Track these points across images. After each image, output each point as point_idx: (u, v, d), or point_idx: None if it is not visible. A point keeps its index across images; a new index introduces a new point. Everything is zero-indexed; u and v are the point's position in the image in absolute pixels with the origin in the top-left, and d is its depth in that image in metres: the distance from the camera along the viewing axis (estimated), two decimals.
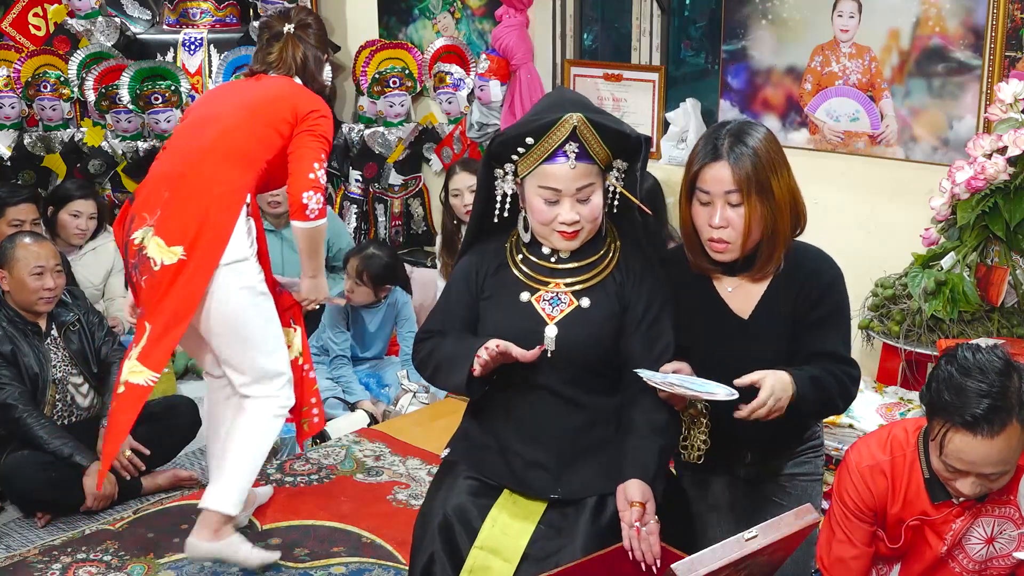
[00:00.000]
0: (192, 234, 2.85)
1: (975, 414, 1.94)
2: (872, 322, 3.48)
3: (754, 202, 2.21)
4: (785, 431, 2.43)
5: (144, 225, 2.91)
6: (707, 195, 2.23)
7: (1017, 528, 2.11)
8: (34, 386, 3.52)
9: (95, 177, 5.34)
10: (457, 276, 2.41)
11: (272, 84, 3.14)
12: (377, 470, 3.59)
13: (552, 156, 2.20)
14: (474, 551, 2.23)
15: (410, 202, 5.63)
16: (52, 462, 3.41)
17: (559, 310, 2.28)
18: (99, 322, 3.78)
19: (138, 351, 2.88)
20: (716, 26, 4.40)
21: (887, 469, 2.18)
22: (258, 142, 2.99)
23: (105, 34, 5.49)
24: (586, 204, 2.24)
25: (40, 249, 3.58)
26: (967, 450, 1.97)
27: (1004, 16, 3.53)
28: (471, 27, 5.32)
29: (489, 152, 2.29)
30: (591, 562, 2.08)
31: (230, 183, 2.93)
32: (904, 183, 3.87)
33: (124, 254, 3.01)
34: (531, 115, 2.27)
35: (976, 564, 2.16)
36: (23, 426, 3.42)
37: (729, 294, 2.35)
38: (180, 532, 3.15)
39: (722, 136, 2.24)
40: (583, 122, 2.18)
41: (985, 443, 1.95)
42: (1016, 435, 1.96)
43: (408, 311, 4.44)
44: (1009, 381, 1.97)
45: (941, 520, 2.14)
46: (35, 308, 3.56)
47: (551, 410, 2.29)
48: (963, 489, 2.03)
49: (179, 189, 2.92)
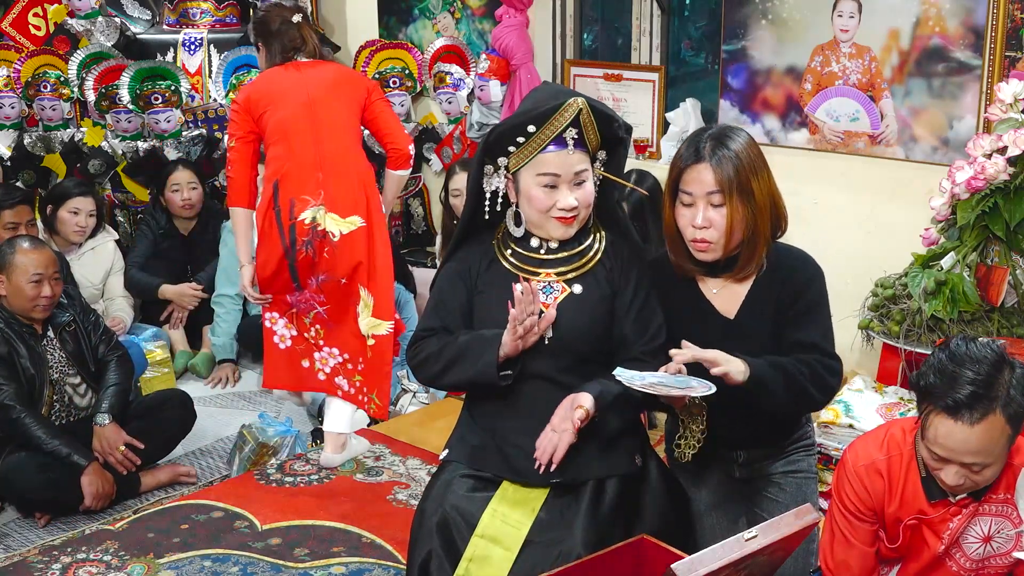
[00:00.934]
0: (363, 202, 3.46)
1: (957, 399, 1.94)
2: (872, 322, 3.48)
3: (735, 203, 2.28)
4: (774, 429, 2.47)
5: (310, 206, 3.43)
6: (690, 196, 2.31)
7: (1015, 527, 2.11)
8: (31, 387, 3.52)
9: (95, 177, 5.34)
10: (449, 274, 2.43)
11: (328, 67, 3.64)
12: (377, 470, 3.59)
13: (551, 144, 2.25)
14: (474, 540, 2.25)
15: (410, 202, 5.63)
16: (50, 462, 3.41)
17: (552, 298, 2.33)
18: (95, 321, 3.78)
19: (369, 310, 3.49)
20: (716, 26, 4.40)
21: (883, 468, 2.18)
22: (351, 116, 3.55)
23: (105, 34, 5.49)
24: (581, 188, 2.31)
25: (39, 256, 3.56)
26: (947, 435, 1.97)
27: (1004, 16, 3.53)
28: (471, 27, 5.32)
29: (486, 145, 2.32)
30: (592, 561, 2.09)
31: (359, 152, 3.57)
32: (904, 183, 3.87)
33: (289, 235, 3.44)
34: (527, 106, 2.30)
35: (973, 563, 2.16)
36: (20, 426, 3.41)
37: (714, 295, 2.41)
38: (180, 532, 3.15)
39: (704, 140, 2.32)
40: (586, 106, 2.24)
41: (965, 430, 1.95)
42: (999, 427, 1.95)
43: (409, 310, 4.44)
44: (999, 373, 1.96)
45: (939, 519, 2.14)
46: (31, 315, 3.55)
47: (548, 398, 2.31)
48: (947, 479, 2.03)
49: (331, 169, 3.45)
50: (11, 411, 3.41)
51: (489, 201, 2.36)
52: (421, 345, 2.39)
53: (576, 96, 2.24)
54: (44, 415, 3.53)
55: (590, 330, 2.33)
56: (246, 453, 3.73)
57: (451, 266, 2.44)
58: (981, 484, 2.05)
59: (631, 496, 2.35)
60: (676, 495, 2.46)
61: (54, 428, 3.49)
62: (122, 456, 3.53)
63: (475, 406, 2.45)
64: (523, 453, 2.32)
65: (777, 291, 2.36)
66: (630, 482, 2.36)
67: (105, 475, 3.49)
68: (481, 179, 2.36)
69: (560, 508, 2.29)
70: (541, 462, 2.25)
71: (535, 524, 2.27)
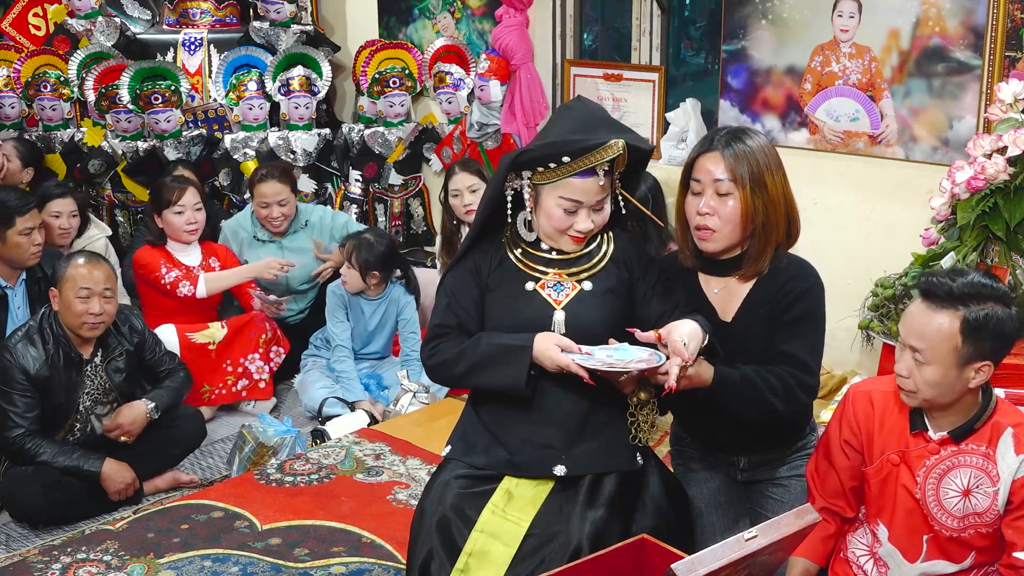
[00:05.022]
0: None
1: (931, 282, 2.10)
2: (872, 322, 3.48)
3: (746, 194, 2.30)
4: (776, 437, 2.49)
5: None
6: (699, 184, 2.35)
7: (993, 485, 2.15)
8: (54, 413, 3.42)
9: (95, 177, 5.35)
10: (462, 272, 2.42)
11: None
12: (377, 470, 3.59)
13: (581, 172, 2.26)
14: (474, 535, 2.26)
15: (410, 202, 5.63)
16: (57, 480, 3.34)
17: (564, 295, 2.35)
18: (153, 343, 3.67)
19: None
20: (716, 26, 4.40)
21: (876, 398, 2.28)
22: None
23: (105, 34, 5.49)
24: (599, 213, 2.33)
25: (90, 270, 3.40)
26: (911, 313, 2.13)
27: (1004, 16, 3.53)
28: (471, 27, 5.32)
29: (515, 164, 2.32)
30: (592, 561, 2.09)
31: None
32: (904, 183, 3.87)
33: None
34: (563, 132, 2.28)
35: (956, 520, 2.19)
36: (28, 455, 3.34)
37: (715, 296, 2.42)
38: (180, 532, 3.15)
39: (720, 133, 2.36)
40: (625, 148, 2.25)
41: (926, 312, 2.09)
42: (952, 331, 2.07)
43: (410, 312, 4.43)
44: (981, 300, 2.08)
45: (916, 454, 2.20)
46: (80, 332, 3.41)
47: (560, 392, 2.32)
48: (898, 361, 2.15)
49: None
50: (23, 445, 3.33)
51: (510, 205, 2.36)
52: (438, 345, 2.37)
53: (618, 138, 2.24)
54: (57, 439, 3.44)
55: (601, 325, 2.33)
56: (246, 453, 3.73)
57: (462, 264, 2.43)
58: (920, 389, 2.13)
59: (629, 490, 2.36)
60: (676, 495, 2.47)
61: (59, 446, 3.40)
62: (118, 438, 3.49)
63: (480, 402, 2.45)
64: (531, 445, 2.33)
65: (774, 296, 2.36)
66: (629, 477, 2.37)
67: (122, 465, 3.45)
68: (502, 191, 2.35)
69: (559, 502, 2.30)
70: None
71: (535, 520, 2.28)
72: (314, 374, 4.36)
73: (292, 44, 5.51)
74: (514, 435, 2.36)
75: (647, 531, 2.22)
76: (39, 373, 3.36)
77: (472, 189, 4.28)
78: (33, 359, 3.36)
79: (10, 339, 3.43)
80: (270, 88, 5.40)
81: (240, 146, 5.32)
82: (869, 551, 2.33)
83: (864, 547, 2.34)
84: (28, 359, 3.35)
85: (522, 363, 2.24)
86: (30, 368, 3.35)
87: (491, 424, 2.39)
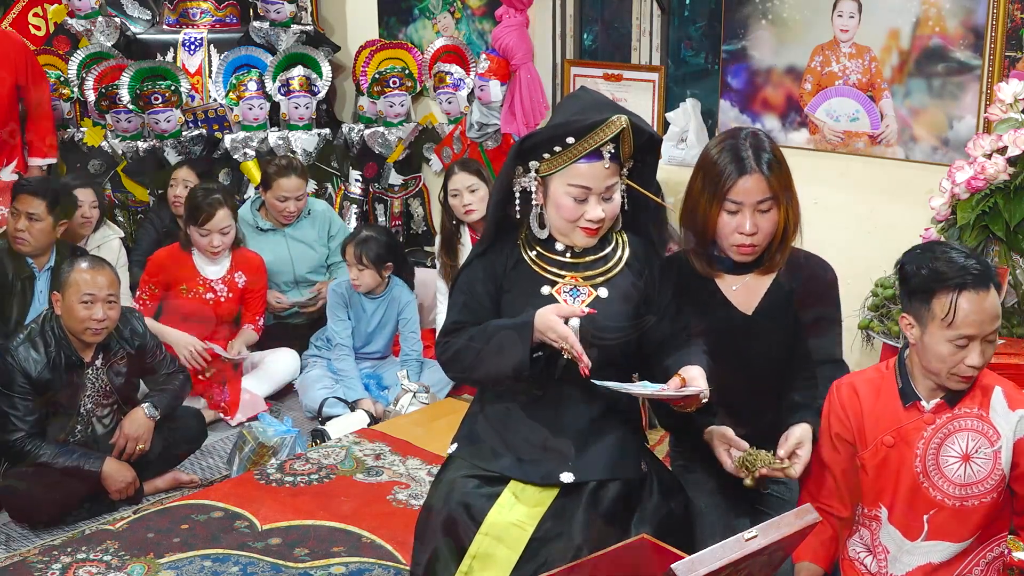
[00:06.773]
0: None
1: (974, 272, 2.08)
2: (872, 322, 3.49)
3: (784, 205, 2.35)
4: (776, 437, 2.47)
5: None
6: (737, 205, 2.34)
7: (991, 446, 2.17)
8: (55, 416, 3.41)
9: (95, 177, 5.34)
10: (477, 270, 2.40)
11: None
12: (377, 470, 3.59)
13: (587, 156, 2.24)
14: (479, 537, 2.25)
15: (410, 202, 5.63)
16: (57, 480, 3.33)
17: (580, 300, 2.32)
18: (154, 346, 3.64)
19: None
20: (716, 26, 4.40)
21: (860, 386, 2.29)
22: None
23: (105, 34, 5.49)
24: (609, 202, 2.30)
25: (93, 276, 3.37)
26: (975, 309, 2.08)
27: (1004, 16, 3.53)
28: (471, 27, 5.32)
29: (519, 151, 2.30)
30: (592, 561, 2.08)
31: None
32: (904, 183, 3.87)
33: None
34: (567, 116, 2.28)
35: (956, 488, 2.19)
36: (29, 457, 3.33)
37: (733, 292, 2.44)
38: (180, 532, 3.15)
39: (744, 148, 2.34)
40: (628, 123, 2.23)
41: (984, 298, 2.09)
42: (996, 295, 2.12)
43: (411, 311, 4.44)
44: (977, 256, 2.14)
45: (912, 427, 2.20)
46: (82, 337, 3.39)
47: (571, 398, 2.32)
48: (975, 360, 2.11)
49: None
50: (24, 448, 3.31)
51: (519, 202, 2.34)
52: (450, 340, 2.35)
53: (620, 113, 2.23)
54: (60, 440, 3.42)
55: (616, 332, 2.32)
56: (246, 453, 3.73)
57: (478, 263, 2.41)
58: (989, 358, 2.14)
59: (631, 495, 2.35)
60: (676, 495, 2.46)
61: (58, 447, 3.38)
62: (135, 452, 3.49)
63: (488, 403, 2.43)
64: (540, 450, 2.32)
65: (798, 289, 2.42)
66: (631, 479, 2.36)
67: (123, 465, 3.45)
68: (511, 181, 2.34)
69: (562, 506, 2.30)
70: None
71: (540, 523, 2.27)
72: (315, 374, 4.36)
73: (292, 44, 5.51)
74: (522, 440, 2.34)
75: (647, 531, 2.22)
76: (40, 376, 3.35)
77: (472, 189, 4.28)
78: (35, 362, 3.36)
79: (12, 342, 3.43)
80: (270, 88, 5.40)
81: (240, 146, 5.32)
82: (868, 548, 2.33)
83: (863, 545, 2.34)
84: (30, 362, 3.35)
85: (525, 338, 2.21)
86: (31, 371, 3.34)
87: (498, 427, 2.38)
